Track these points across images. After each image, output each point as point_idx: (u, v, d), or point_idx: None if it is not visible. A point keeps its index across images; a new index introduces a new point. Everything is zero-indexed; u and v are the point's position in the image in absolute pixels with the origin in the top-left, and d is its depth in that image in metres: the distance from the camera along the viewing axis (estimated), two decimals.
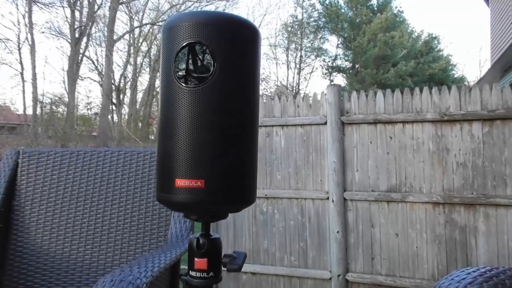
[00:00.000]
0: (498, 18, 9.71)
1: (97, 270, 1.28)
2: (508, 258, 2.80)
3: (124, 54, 23.61)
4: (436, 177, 2.98)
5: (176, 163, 0.80)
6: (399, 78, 19.45)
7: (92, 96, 34.32)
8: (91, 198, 1.37)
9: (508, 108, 2.84)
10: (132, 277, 0.73)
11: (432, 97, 3.03)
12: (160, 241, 1.29)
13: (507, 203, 2.80)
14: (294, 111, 3.38)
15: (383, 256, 3.09)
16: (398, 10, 22.81)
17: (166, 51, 0.83)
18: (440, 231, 2.95)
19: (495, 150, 2.86)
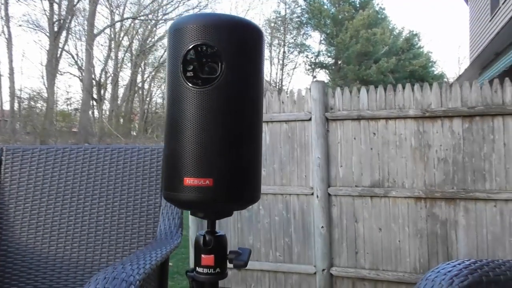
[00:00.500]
0: (477, 16, 9.91)
1: (84, 269, 1.27)
2: (487, 251, 2.88)
3: (105, 48, 23.28)
4: (418, 173, 3.04)
5: (185, 162, 0.81)
6: (381, 74, 19.69)
7: (72, 92, 33.66)
8: (77, 196, 1.35)
9: (487, 105, 2.91)
10: (125, 274, 0.73)
11: (414, 93, 3.09)
12: (149, 239, 1.28)
13: (486, 197, 2.88)
14: (279, 107, 3.39)
15: (366, 250, 3.14)
16: (380, 7, 23.05)
17: (173, 52, 0.84)
18: (422, 225, 3.02)
19: (475, 146, 2.93)
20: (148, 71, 25.46)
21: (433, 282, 0.78)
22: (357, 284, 3.16)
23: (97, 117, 21.55)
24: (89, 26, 19.35)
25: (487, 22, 8.72)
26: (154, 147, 1.41)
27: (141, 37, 23.99)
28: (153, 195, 1.33)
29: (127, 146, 1.40)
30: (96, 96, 20.99)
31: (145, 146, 1.42)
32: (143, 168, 1.37)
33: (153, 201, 1.33)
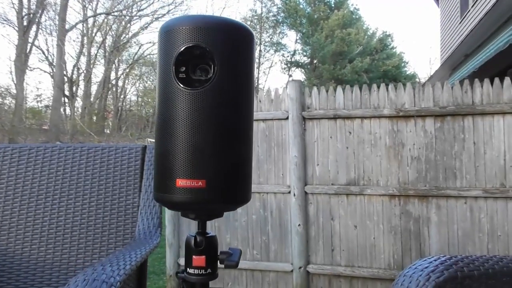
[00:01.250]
0: (447, 18, 10.19)
1: (60, 270, 1.23)
2: (458, 247, 2.97)
3: (77, 44, 22.72)
4: (392, 171, 3.11)
5: (177, 163, 0.81)
6: (355, 74, 19.99)
7: (42, 88, 32.74)
8: (52, 196, 1.31)
9: (458, 105, 3.00)
10: (105, 276, 0.72)
11: (388, 93, 3.15)
12: (127, 239, 1.26)
13: (457, 194, 2.97)
14: (256, 106, 3.39)
15: (342, 248, 3.19)
16: (354, 8, 23.39)
17: (165, 53, 0.83)
18: (395, 222, 3.09)
19: (446, 144, 3.02)
20: (122, 68, 25.02)
21: (410, 278, 0.80)
22: (333, 281, 3.20)
23: (69, 114, 21.03)
24: (60, 21, 18.84)
25: (457, 24, 8.99)
26: (132, 146, 1.39)
27: (115, 33, 23.54)
28: (131, 194, 1.31)
29: (104, 145, 1.37)
30: (68, 93, 20.48)
31: (123, 145, 1.39)
32: (121, 168, 1.34)
33: (131, 201, 1.31)
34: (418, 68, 42.58)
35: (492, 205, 2.91)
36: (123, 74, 25.01)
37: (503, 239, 2.89)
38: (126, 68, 24.92)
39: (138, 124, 26.11)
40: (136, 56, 24.73)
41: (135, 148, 1.38)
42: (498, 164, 2.91)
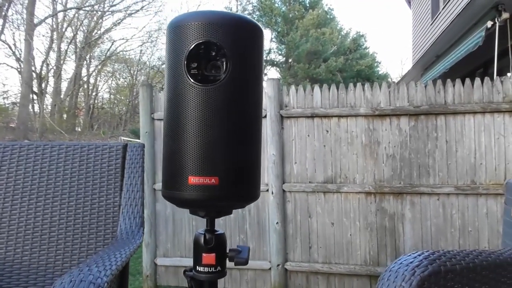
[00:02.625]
0: (419, 20, 10.45)
1: (37, 272, 1.19)
2: (431, 242, 3.06)
3: (47, 39, 22.04)
4: (368, 169, 3.17)
5: (189, 160, 0.79)
6: (330, 73, 20.22)
7: (9, 84, 31.61)
8: (29, 196, 1.27)
9: (431, 104, 3.08)
10: (92, 277, 0.70)
11: (365, 93, 3.20)
12: (107, 239, 1.23)
13: (430, 191, 3.05)
14: None
15: (319, 245, 3.23)
16: (329, 8, 23.66)
17: (175, 49, 0.82)
18: (371, 219, 3.15)
19: (420, 143, 3.10)
20: (94, 65, 24.45)
21: (396, 273, 0.82)
22: (310, 278, 3.24)
23: (38, 112, 20.40)
24: (28, 15, 18.22)
25: (428, 26, 9.23)
26: (113, 144, 1.35)
27: (86, 28, 22.97)
28: (112, 194, 1.28)
29: (83, 143, 1.34)
30: (37, 89, 19.86)
31: (104, 143, 1.36)
32: (101, 167, 1.31)
33: (112, 200, 1.28)
34: (390, 68, 43.53)
35: (463, 202, 3.01)
36: (95, 71, 24.45)
37: (474, 235, 3.00)
38: (98, 65, 24.38)
39: (111, 122, 25.61)
40: (109, 52, 24.23)
41: (115, 147, 1.35)
42: (469, 161, 3.01)
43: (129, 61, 26.45)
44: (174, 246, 3.43)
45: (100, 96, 26.66)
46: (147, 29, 40.77)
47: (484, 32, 4.73)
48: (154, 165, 3.41)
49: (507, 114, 2.97)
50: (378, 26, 54.49)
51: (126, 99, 27.09)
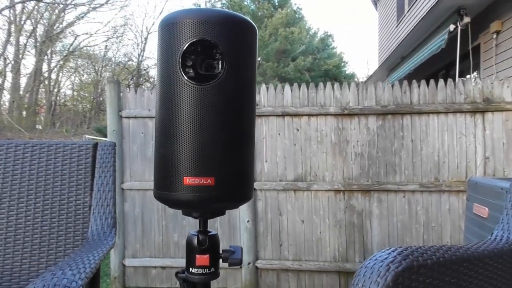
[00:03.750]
0: (385, 22, 10.72)
1: (2, 277, 1.14)
2: (397, 238, 3.15)
3: (4, 32, 21.08)
4: (337, 167, 3.22)
5: (184, 161, 0.77)
6: (298, 72, 20.40)
7: None
8: None
9: (398, 104, 3.17)
10: (67, 280, 0.67)
11: (334, 92, 3.25)
12: (78, 241, 1.19)
13: (396, 189, 3.14)
14: None
15: (290, 242, 3.26)
16: (297, 7, 23.85)
17: (168, 48, 0.79)
18: (340, 216, 3.21)
19: (387, 141, 3.18)
20: (56, 60, 23.62)
21: (372, 269, 0.84)
22: (281, 275, 3.26)
23: None
24: None
25: (394, 28, 9.48)
26: (82, 143, 1.31)
27: (47, 22, 22.14)
28: (82, 194, 1.24)
29: (50, 142, 1.28)
30: None
31: (72, 142, 1.31)
32: (70, 166, 1.26)
33: (82, 200, 1.24)
34: (357, 68, 44.47)
35: (427, 198, 3.12)
36: (56, 66, 23.62)
37: (437, 230, 3.11)
38: (60, 60, 23.57)
39: (74, 120, 24.85)
40: (72, 47, 23.48)
41: (85, 145, 1.30)
42: (433, 160, 3.12)
43: (93, 56, 25.73)
44: (143, 246, 3.37)
45: (63, 93, 25.81)
46: (112, 24, 39.75)
47: (447, 35, 4.91)
48: (122, 164, 3.33)
49: (468, 115, 3.09)
50: (345, 26, 55.51)
51: (90, 96, 26.36)
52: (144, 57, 27.96)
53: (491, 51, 4.63)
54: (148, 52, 28.32)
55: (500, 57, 4.46)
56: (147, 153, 3.36)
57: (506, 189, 1.87)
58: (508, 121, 3.03)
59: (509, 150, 3.02)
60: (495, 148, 3.04)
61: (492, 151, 3.04)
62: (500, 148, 3.03)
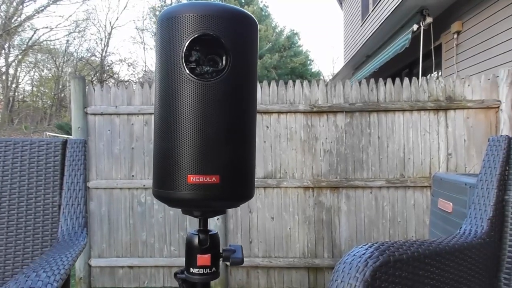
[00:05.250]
0: (350, 21, 10.92)
1: None
2: (364, 233, 3.22)
3: None
4: (307, 164, 3.26)
5: (188, 158, 0.74)
6: (265, 69, 20.47)
7: None
8: None
9: (365, 102, 3.24)
10: (42, 283, 0.64)
11: (303, 90, 3.28)
12: (47, 241, 1.14)
13: (363, 185, 3.21)
14: None
15: (260, 239, 3.27)
16: (264, 5, 23.90)
17: (169, 43, 0.76)
18: (310, 213, 3.25)
19: (355, 139, 3.25)
20: (14, 54, 22.59)
21: (350, 265, 0.85)
22: (251, 272, 3.27)
23: None
24: None
25: (359, 27, 9.68)
26: (50, 140, 1.25)
27: (5, 15, 21.13)
28: (51, 193, 1.19)
29: (16, 139, 1.22)
30: None
31: (40, 139, 1.25)
32: (38, 164, 1.21)
33: (51, 199, 1.19)
34: (323, 66, 45.10)
35: (393, 194, 3.21)
36: (15, 61, 22.60)
37: (402, 225, 3.20)
38: (18, 54, 22.56)
39: (34, 116, 23.90)
40: (31, 41, 22.54)
41: (54, 143, 1.25)
42: (398, 156, 3.21)
43: (54, 51, 24.81)
44: (110, 246, 3.29)
45: (21, 88, 24.74)
46: (73, 18, 38.39)
47: (410, 34, 5.06)
48: (88, 162, 3.23)
49: (431, 112, 3.20)
50: (311, 25, 56.21)
51: (51, 91, 25.41)
52: (108, 53, 27.24)
53: (452, 51, 4.82)
54: (112, 48, 27.56)
55: (460, 56, 4.64)
56: (114, 150, 3.28)
57: (470, 185, 1.95)
58: (469, 119, 3.16)
59: (470, 147, 3.15)
60: (457, 144, 3.16)
61: (454, 147, 3.17)
62: (461, 144, 3.16)
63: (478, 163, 3.13)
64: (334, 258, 3.23)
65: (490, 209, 1.24)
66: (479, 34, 4.24)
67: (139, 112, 3.28)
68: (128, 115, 3.29)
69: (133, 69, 34.27)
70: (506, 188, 1.27)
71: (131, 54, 42.34)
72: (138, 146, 3.28)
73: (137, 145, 3.28)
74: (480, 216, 1.21)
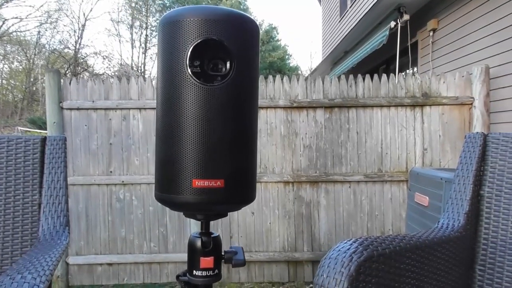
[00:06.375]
0: (328, 16, 11.00)
1: None
2: (343, 227, 3.28)
3: None
4: (287, 158, 3.28)
5: (193, 163, 0.74)
6: None
7: None
8: None
9: (344, 98, 3.28)
10: (28, 284, 0.63)
11: (283, 85, 3.30)
12: (26, 241, 1.11)
13: (342, 179, 3.26)
14: (152, 93, 3.27)
15: (240, 234, 3.28)
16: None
17: (172, 47, 0.76)
18: (290, 207, 3.28)
19: (334, 134, 3.29)
20: None
21: (336, 259, 0.87)
22: (231, 267, 3.27)
23: None
24: None
25: (337, 23, 9.76)
26: (29, 137, 1.22)
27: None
28: (30, 191, 1.16)
29: None
30: None
31: (17, 136, 1.22)
32: (16, 162, 1.17)
33: (30, 198, 1.16)
34: (301, 61, 45.37)
35: (371, 188, 3.27)
36: None
37: (380, 218, 3.27)
38: None
39: (4, 110, 23.19)
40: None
41: (32, 140, 1.21)
42: (376, 151, 3.27)
43: (24, 43, 24.08)
44: (88, 243, 3.23)
45: None
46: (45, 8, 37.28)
47: (388, 31, 5.14)
48: None
49: (408, 108, 3.27)
50: (290, 19, 56.32)
51: (22, 85, 24.68)
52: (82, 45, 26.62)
53: (428, 48, 4.92)
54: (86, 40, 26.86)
55: (436, 53, 4.75)
56: (91, 146, 3.22)
57: (446, 179, 2.01)
58: (444, 115, 3.24)
59: (444, 142, 3.24)
60: (432, 140, 3.25)
61: (430, 143, 3.25)
62: (437, 140, 3.24)
63: (452, 158, 3.23)
64: (313, 252, 3.27)
65: (466, 204, 1.28)
66: (454, 32, 4.35)
67: (117, 107, 3.23)
68: (106, 110, 3.24)
69: (109, 62, 33.64)
70: (482, 183, 1.32)
71: (106, 47, 41.51)
72: (116, 142, 3.23)
73: (115, 141, 3.23)
74: (457, 211, 1.25)
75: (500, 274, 1.21)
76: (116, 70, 24.79)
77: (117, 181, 3.21)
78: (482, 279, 1.25)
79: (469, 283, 1.25)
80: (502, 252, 1.22)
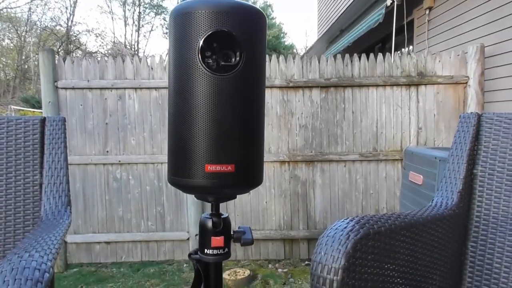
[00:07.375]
0: None
1: None
2: (338, 205, 3.33)
3: None
4: (283, 138, 3.30)
5: (206, 149, 0.78)
6: None
7: None
8: None
9: (340, 77, 3.28)
10: (36, 262, 0.65)
11: (279, 65, 3.29)
12: (29, 221, 1.13)
13: (338, 159, 3.29)
14: (148, 73, 3.25)
15: (237, 213, 3.32)
16: None
17: (184, 39, 0.79)
18: (285, 186, 3.31)
19: (329, 113, 3.30)
20: None
21: (333, 238, 0.90)
22: None
23: None
24: None
25: (333, 1, 9.63)
26: (28, 118, 1.22)
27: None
28: (31, 172, 1.17)
29: None
30: None
31: (17, 116, 1.22)
32: (16, 143, 1.17)
33: (31, 179, 1.17)
34: (296, 39, 44.86)
35: (366, 167, 3.31)
36: None
37: (374, 196, 3.32)
38: None
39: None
40: None
41: (32, 121, 1.21)
42: (371, 130, 3.29)
43: (15, 20, 23.60)
44: (86, 222, 3.27)
45: None
46: None
47: (384, 10, 5.09)
48: None
49: (404, 87, 3.28)
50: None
51: (13, 63, 24.32)
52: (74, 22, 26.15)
53: (424, 27, 4.90)
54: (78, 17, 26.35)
55: (431, 32, 4.73)
56: (87, 126, 3.21)
57: (440, 158, 2.04)
58: (439, 94, 3.26)
59: (439, 121, 3.27)
60: (427, 119, 3.27)
61: (425, 122, 3.27)
62: (431, 119, 3.27)
63: (446, 137, 3.26)
64: (309, 230, 3.33)
65: (460, 182, 1.31)
66: (450, 11, 4.32)
67: (113, 87, 3.21)
68: (101, 90, 3.22)
69: (102, 40, 33.14)
70: (475, 162, 1.35)
71: (99, 24, 40.84)
72: (112, 121, 3.23)
73: (111, 120, 3.23)
74: (451, 189, 1.28)
75: (492, 250, 1.25)
76: (110, 49, 24.45)
77: (113, 160, 3.23)
78: (474, 255, 1.29)
79: (461, 259, 1.29)
80: (494, 229, 1.26)
